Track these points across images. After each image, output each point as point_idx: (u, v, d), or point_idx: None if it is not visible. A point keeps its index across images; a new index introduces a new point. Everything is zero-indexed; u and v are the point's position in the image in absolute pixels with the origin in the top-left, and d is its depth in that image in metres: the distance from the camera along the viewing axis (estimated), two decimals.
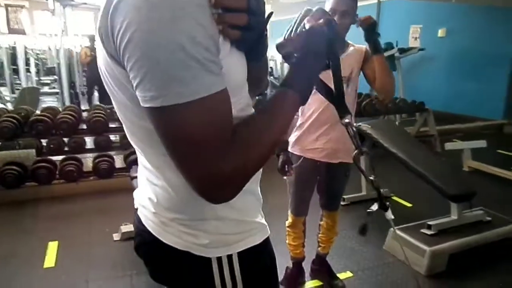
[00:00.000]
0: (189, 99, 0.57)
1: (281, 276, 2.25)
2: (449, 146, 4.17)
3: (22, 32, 6.84)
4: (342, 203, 3.12)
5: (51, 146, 3.74)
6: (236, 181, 0.65)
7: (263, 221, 0.85)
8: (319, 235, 2.27)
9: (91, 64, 6.95)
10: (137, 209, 0.87)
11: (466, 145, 4.32)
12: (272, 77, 8.46)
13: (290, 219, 2.17)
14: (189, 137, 0.60)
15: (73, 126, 3.81)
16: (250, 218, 0.81)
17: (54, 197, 3.57)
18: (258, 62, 0.78)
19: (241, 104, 0.73)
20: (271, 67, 9.39)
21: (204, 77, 0.58)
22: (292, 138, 2.06)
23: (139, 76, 0.58)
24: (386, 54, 6.88)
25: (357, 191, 3.56)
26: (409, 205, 3.52)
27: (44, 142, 3.86)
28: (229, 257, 0.77)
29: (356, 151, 0.87)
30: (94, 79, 7.04)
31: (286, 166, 2.02)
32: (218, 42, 0.61)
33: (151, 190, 0.79)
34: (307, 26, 0.73)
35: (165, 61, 0.56)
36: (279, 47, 0.80)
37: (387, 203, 0.87)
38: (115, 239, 2.85)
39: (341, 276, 2.37)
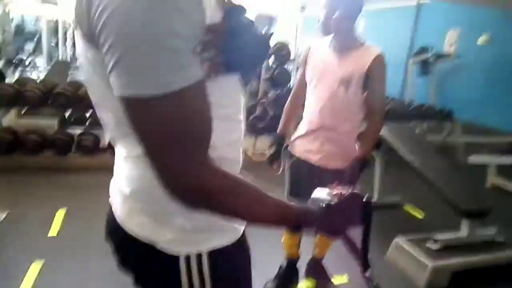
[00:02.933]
0: (162, 91, 0.55)
1: (274, 273, 2.22)
2: (473, 159, 3.97)
3: (53, 2, 6.83)
4: None
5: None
6: (194, 192, 0.62)
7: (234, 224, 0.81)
8: (317, 237, 2.22)
9: None
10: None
11: (492, 159, 4.10)
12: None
13: None
14: (163, 131, 0.58)
15: None
16: (219, 219, 0.78)
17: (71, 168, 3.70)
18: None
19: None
20: None
21: (179, 69, 0.56)
22: (294, 135, 2.01)
23: (112, 61, 0.56)
24: (419, 57, 6.70)
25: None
26: (420, 216, 3.40)
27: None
28: (198, 256, 0.75)
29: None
30: None
31: (275, 160, 2.01)
32: (203, 27, 0.58)
33: (124, 180, 0.77)
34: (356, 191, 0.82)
35: (139, 48, 0.54)
36: (316, 200, 0.80)
37: None
38: None
39: (337, 280, 2.32)
